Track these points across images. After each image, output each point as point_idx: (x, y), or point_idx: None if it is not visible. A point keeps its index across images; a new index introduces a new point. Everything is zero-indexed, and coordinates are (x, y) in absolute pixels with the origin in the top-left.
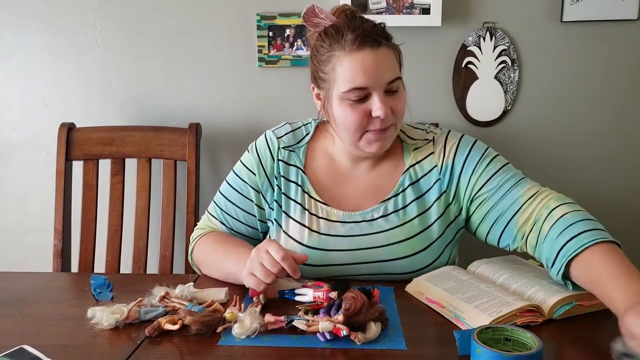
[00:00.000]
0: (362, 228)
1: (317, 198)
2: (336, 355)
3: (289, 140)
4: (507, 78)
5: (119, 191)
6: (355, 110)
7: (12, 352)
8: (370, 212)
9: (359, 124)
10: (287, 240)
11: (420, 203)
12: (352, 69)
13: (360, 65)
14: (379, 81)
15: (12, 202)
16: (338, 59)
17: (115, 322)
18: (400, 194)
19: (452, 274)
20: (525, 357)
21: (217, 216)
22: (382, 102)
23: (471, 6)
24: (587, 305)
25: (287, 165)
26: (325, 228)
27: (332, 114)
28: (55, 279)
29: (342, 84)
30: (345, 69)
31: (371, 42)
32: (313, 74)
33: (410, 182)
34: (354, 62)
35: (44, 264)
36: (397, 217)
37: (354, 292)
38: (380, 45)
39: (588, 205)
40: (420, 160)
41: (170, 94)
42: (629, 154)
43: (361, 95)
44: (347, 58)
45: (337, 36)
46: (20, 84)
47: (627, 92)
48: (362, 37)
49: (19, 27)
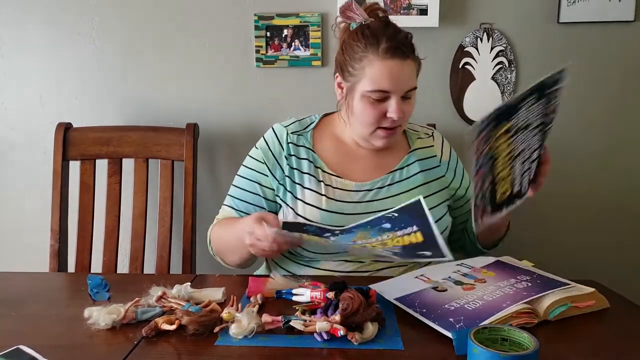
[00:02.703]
0: (373, 194)
1: (329, 171)
2: (333, 355)
3: (295, 127)
4: (504, 79)
5: (116, 191)
6: (374, 108)
7: (9, 352)
8: (379, 180)
9: (374, 120)
10: (305, 207)
11: (423, 175)
12: (381, 73)
13: (388, 72)
14: (399, 88)
15: (9, 202)
16: (370, 61)
17: (112, 322)
18: (405, 168)
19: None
20: (521, 357)
21: (228, 203)
22: (399, 106)
23: (468, 7)
24: (582, 306)
25: (296, 147)
26: (340, 195)
27: (352, 106)
28: (52, 279)
29: (368, 83)
30: (374, 71)
31: (401, 54)
32: (340, 65)
33: (415, 159)
34: (384, 68)
35: (40, 264)
36: (401, 186)
37: (351, 292)
38: (407, 57)
39: (584, 204)
40: (423, 147)
41: (168, 94)
42: (625, 154)
43: (381, 97)
44: (378, 63)
45: (372, 40)
46: (17, 84)
47: (624, 93)
48: (394, 48)
49: (16, 26)
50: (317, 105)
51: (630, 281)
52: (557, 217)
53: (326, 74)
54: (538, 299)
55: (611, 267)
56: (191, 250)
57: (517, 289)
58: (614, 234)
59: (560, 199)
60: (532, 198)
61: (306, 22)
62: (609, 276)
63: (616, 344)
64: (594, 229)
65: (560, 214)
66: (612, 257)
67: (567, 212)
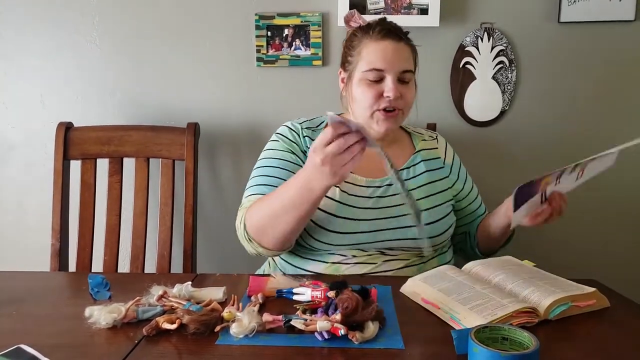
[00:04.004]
0: (382, 191)
1: None
2: (334, 354)
3: (308, 125)
4: (505, 78)
5: (116, 191)
6: (370, 89)
7: (10, 351)
8: (387, 178)
9: (372, 101)
10: None
11: (429, 175)
12: (374, 52)
13: (382, 52)
14: (394, 67)
15: (10, 202)
16: (365, 45)
17: (113, 321)
18: (411, 167)
19: (447, 274)
20: (522, 356)
21: (255, 192)
22: (394, 85)
23: (469, 6)
24: (583, 306)
25: (312, 141)
26: (352, 189)
27: (352, 92)
28: (53, 278)
29: (364, 64)
30: (369, 51)
31: (394, 36)
32: (342, 59)
33: (420, 160)
34: (377, 47)
35: (41, 263)
36: (408, 184)
37: (348, 293)
38: (401, 40)
39: (585, 204)
40: (428, 148)
41: (169, 94)
42: (625, 153)
43: (377, 77)
44: (372, 44)
45: (367, 29)
46: (18, 83)
47: (625, 92)
48: (387, 30)
49: (17, 26)
50: (318, 104)
51: (631, 281)
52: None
53: (327, 73)
54: (539, 299)
55: (612, 266)
56: (192, 250)
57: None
58: (614, 234)
59: None
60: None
61: (307, 22)
62: (610, 276)
63: (617, 344)
64: (595, 228)
65: None
66: (613, 257)
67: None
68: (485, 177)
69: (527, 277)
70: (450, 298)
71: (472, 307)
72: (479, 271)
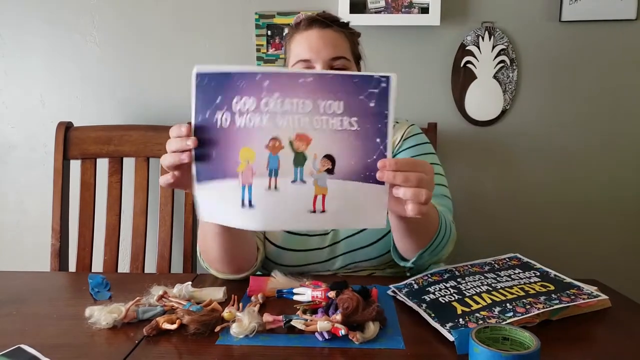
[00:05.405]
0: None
1: None
2: (334, 354)
3: None
4: (506, 77)
5: (116, 190)
6: None
7: (10, 351)
8: None
9: None
10: None
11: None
12: (299, 44)
13: (307, 42)
14: (320, 55)
15: (10, 201)
16: (293, 39)
17: (113, 321)
18: None
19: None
20: (523, 356)
21: None
22: None
23: (470, 6)
24: (584, 306)
25: None
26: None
27: None
28: (53, 278)
29: (292, 58)
30: (295, 44)
31: (319, 24)
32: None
33: None
34: (302, 38)
35: (41, 263)
36: None
37: (348, 293)
38: (327, 27)
39: (586, 203)
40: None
41: (168, 93)
42: (626, 153)
43: (306, 67)
44: (298, 36)
45: (297, 24)
46: (18, 83)
47: (625, 91)
48: (312, 20)
49: (17, 26)
50: None
51: (632, 280)
52: (558, 216)
53: None
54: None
55: (613, 266)
56: (192, 250)
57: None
58: (615, 233)
59: (561, 199)
60: (534, 200)
61: None
62: (611, 275)
63: (618, 344)
64: (596, 228)
65: (562, 213)
66: (614, 257)
67: (568, 212)
68: (485, 177)
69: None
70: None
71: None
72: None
